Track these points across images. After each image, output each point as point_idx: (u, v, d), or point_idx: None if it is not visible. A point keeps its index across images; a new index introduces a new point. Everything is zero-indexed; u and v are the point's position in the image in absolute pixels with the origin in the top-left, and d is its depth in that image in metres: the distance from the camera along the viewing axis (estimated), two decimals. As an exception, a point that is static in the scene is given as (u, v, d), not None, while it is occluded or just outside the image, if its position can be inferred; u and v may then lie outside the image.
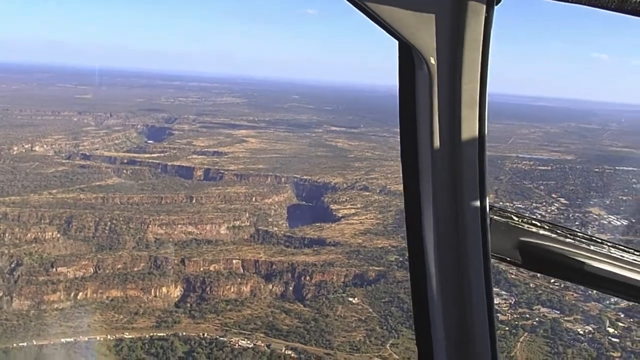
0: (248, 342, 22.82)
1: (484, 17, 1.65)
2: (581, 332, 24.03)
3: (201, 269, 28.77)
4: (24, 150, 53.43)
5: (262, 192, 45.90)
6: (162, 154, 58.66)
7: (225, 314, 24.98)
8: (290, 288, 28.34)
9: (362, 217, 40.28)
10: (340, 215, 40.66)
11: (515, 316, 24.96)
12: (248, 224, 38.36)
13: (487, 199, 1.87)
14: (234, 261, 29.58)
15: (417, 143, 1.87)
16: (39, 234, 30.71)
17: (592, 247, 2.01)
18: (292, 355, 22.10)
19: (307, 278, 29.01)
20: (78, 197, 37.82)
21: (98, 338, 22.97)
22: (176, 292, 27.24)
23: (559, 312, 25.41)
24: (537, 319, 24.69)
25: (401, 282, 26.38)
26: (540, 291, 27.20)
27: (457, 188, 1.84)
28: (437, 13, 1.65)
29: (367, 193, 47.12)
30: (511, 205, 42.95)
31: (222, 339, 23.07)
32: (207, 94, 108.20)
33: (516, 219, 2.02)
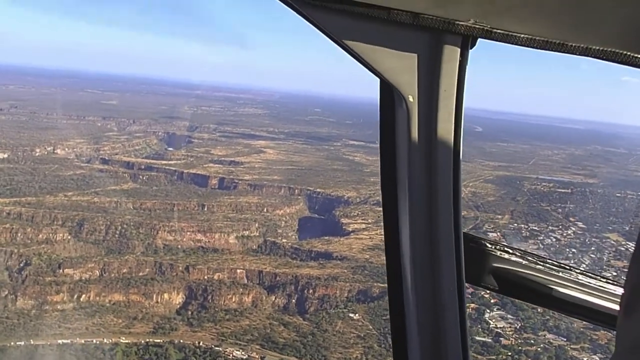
0: (243, 353, 22.72)
1: (458, 60, 1.77)
2: (587, 362, 23.25)
3: (205, 277, 28.85)
4: (45, 153, 54.61)
5: (273, 203, 45.95)
6: (179, 162, 59.37)
7: (224, 323, 24.94)
8: (293, 301, 28.16)
9: (372, 232, 39.94)
10: (350, 230, 40.40)
11: (519, 341, 24.27)
12: (257, 234, 38.39)
13: (461, 227, 1.99)
14: (238, 271, 29.59)
15: (396, 175, 2.00)
16: (51, 235, 31.25)
17: (560, 274, 2.14)
18: None
19: (310, 291, 28.79)
20: (92, 200, 38.43)
21: (94, 341, 23.18)
22: (178, 299, 27.35)
23: (565, 339, 24.61)
24: (542, 345, 23.98)
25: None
26: (547, 317, 26.44)
27: (433, 218, 1.96)
28: (416, 55, 1.77)
29: (380, 208, 46.56)
30: (526, 227, 42.19)
31: (217, 348, 23.02)
32: (230, 104, 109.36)
33: (490, 246, 2.15)
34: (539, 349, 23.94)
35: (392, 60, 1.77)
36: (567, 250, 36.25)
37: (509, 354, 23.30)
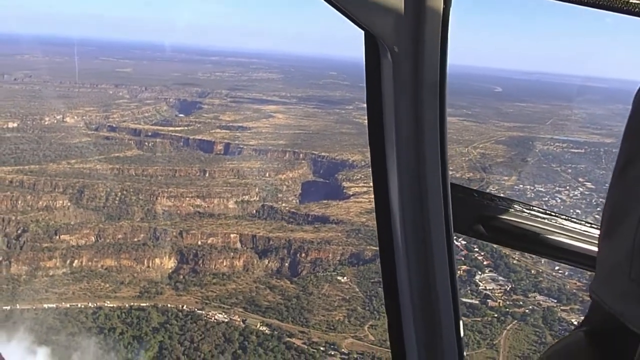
0: (225, 316, 23.08)
1: (442, 11, 1.80)
2: (575, 323, 22.88)
3: (198, 242, 29.17)
4: (55, 121, 55.26)
5: (276, 168, 45.91)
6: (187, 127, 59.47)
7: (210, 287, 25.30)
8: (285, 264, 28.33)
9: (372, 195, 39.43)
10: (351, 193, 40.16)
11: (508, 303, 24.02)
12: (257, 199, 38.46)
13: (449, 178, 2.02)
14: (232, 235, 29.79)
15: (383, 127, 2.03)
16: (50, 202, 31.86)
17: (547, 220, 2.20)
18: (266, 331, 22.22)
19: (303, 255, 28.87)
20: (94, 167, 38.92)
21: (79, 305, 23.82)
22: (170, 263, 27.80)
23: (556, 300, 24.27)
24: (530, 307, 23.70)
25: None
26: (541, 278, 26.07)
27: (421, 168, 2.00)
28: (399, 6, 1.78)
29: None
30: (532, 188, 41.34)
31: (199, 311, 23.43)
32: (244, 69, 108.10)
33: (477, 195, 2.21)
34: (527, 310, 23.70)
35: (376, 12, 1.78)
36: (572, 211, 35.40)
37: (495, 315, 23.12)
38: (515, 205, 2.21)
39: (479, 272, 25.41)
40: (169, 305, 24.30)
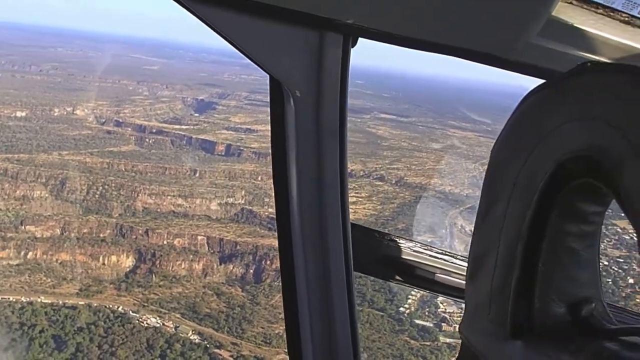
0: (158, 320, 22.38)
1: (341, 57, 1.91)
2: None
3: (163, 242, 28.71)
4: (65, 113, 56.17)
5: (269, 172, 45.13)
6: (193, 127, 59.62)
7: (154, 289, 24.67)
8: (246, 271, 27.50)
9: (359, 206, 38.48)
10: (339, 203, 39.17)
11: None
12: (242, 202, 37.88)
13: (349, 218, 2.14)
14: (199, 237, 29.22)
15: (286, 169, 2.08)
16: (28, 191, 32.02)
17: (443, 260, 2.37)
18: (195, 340, 21.37)
19: (268, 262, 28.00)
20: (84, 160, 39.15)
21: (10, 299, 23.50)
22: (127, 262, 27.37)
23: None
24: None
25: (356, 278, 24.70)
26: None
27: (322, 209, 2.11)
28: (301, 52, 1.90)
29: (380, 183, 45.17)
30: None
31: (133, 314, 22.79)
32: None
33: (378, 235, 2.37)
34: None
35: (279, 57, 1.90)
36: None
37: (447, 341, 21.65)
38: (413, 246, 2.34)
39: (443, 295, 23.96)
40: (104, 305, 23.80)
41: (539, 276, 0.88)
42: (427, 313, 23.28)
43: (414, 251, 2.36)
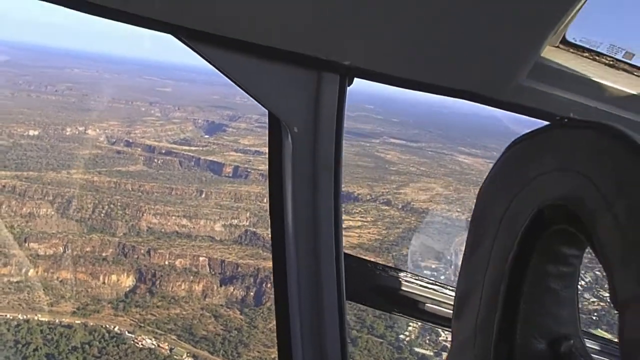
0: (154, 342, 22.12)
1: (337, 96, 2.00)
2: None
3: (166, 262, 28.64)
4: (76, 133, 56.88)
5: (275, 194, 45.22)
6: (202, 148, 60.06)
7: (152, 310, 24.49)
8: (249, 293, 27.25)
9: (364, 230, 38.28)
10: (344, 227, 38.77)
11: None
12: (247, 223, 37.85)
13: (342, 249, 2.18)
14: (201, 259, 29.12)
15: (283, 202, 2.16)
16: (34, 209, 32.27)
17: (433, 290, 2.43)
18: None
19: (269, 285, 27.73)
20: (92, 179, 39.51)
21: (8, 316, 23.40)
22: (127, 281, 27.30)
23: None
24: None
25: (354, 305, 24.35)
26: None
27: (317, 240, 2.16)
28: (299, 91, 1.98)
29: (386, 207, 44.94)
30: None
31: (129, 334, 22.55)
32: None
33: (370, 265, 2.43)
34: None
35: (278, 95, 1.97)
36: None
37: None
38: (404, 276, 2.40)
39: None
40: (101, 324, 23.64)
41: (520, 314, 0.92)
42: (427, 341, 22.83)
43: (405, 281, 2.41)
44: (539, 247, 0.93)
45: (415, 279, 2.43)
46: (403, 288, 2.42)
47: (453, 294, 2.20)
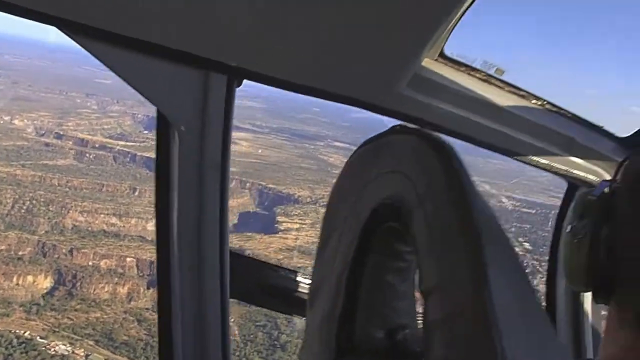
0: (68, 348, 21.05)
1: (224, 97, 2.02)
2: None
3: (89, 263, 27.25)
4: (1, 122, 53.60)
5: (213, 194, 44.33)
6: (139, 144, 57.93)
7: (69, 313, 23.26)
8: (176, 296, 26.36)
9: (302, 233, 37.96)
10: (282, 228, 38.30)
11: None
12: (181, 223, 36.81)
13: (227, 247, 2.27)
14: (128, 259, 27.91)
15: (168, 199, 2.17)
16: (-58, 204, 29.92)
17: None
18: None
19: (199, 288, 27.03)
20: (14, 172, 37.15)
21: None
22: (45, 283, 25.79)
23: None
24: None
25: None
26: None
27: (201, 239, 2.20)
28: (187, 89, 1.98)
29: (324, 209, 45.21)
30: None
31: (41, 340, 21.33)
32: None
33: (256, 264, 2.61)
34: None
35: (166, 93, 1.97)
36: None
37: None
38: (291, 274, 2.47)
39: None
40: (9, 329, 22.17)
41: (360, 305, 1.00)
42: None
43: (293, 279, 2.47)
44: (376, 243, 1.00)
45: (305, 278, 2.47)
46: (292, 287, 2.47)
47: None
